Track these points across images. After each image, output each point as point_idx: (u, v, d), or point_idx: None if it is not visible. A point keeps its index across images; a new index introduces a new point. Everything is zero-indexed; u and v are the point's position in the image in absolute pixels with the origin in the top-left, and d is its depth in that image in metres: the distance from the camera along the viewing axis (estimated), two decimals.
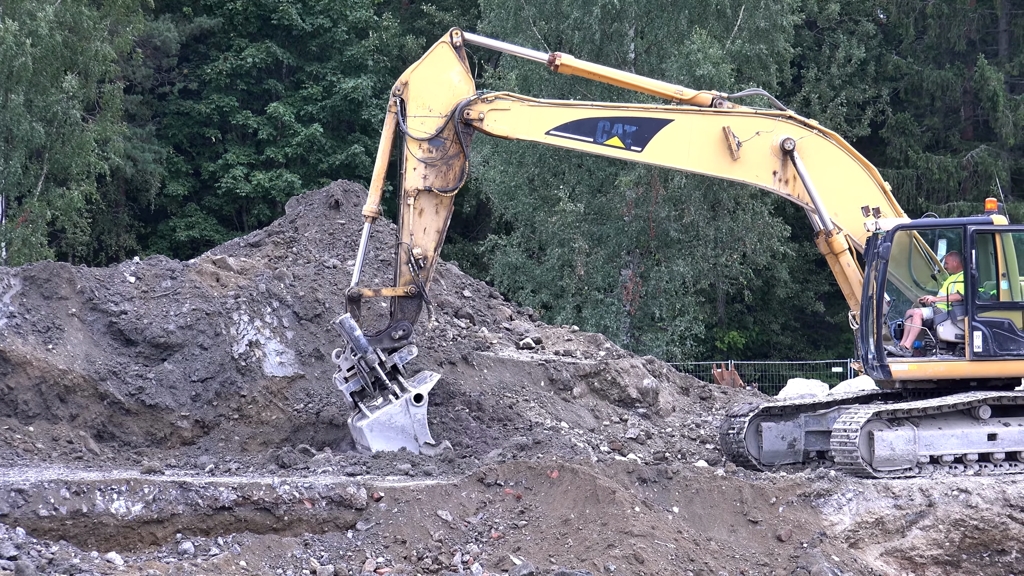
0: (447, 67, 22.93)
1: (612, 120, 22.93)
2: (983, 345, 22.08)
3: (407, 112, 22.79)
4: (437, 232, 23.18)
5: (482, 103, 22.81)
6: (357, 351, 22.40)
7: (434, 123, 22.79)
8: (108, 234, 54.53)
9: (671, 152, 23.10)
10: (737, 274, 48.87)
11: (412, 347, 22.81)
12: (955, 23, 58.13)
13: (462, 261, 45.37)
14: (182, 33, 55.56)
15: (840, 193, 23.12)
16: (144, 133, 54.41)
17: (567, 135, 22.99)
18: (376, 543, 18.90)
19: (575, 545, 18.55)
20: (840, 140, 23.41)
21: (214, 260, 25.82)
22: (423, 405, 22.42)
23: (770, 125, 23.10)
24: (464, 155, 23.07)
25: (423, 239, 22.99)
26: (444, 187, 22.92)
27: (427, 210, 22.99)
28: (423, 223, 22.99)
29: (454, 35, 22.92)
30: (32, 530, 18.08)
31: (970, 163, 56.39)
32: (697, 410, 26.96)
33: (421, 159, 22.82)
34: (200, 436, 23.11)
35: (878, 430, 21.25)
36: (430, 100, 22.84)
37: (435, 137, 22.79)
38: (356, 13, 56.99)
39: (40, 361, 22.57)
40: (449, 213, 23.21)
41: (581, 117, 23.02)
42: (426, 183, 22.80)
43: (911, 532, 20.46)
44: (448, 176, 22.94)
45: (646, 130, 22.93)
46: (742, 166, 23.07)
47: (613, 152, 23.22)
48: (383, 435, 22.27)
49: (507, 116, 22.87)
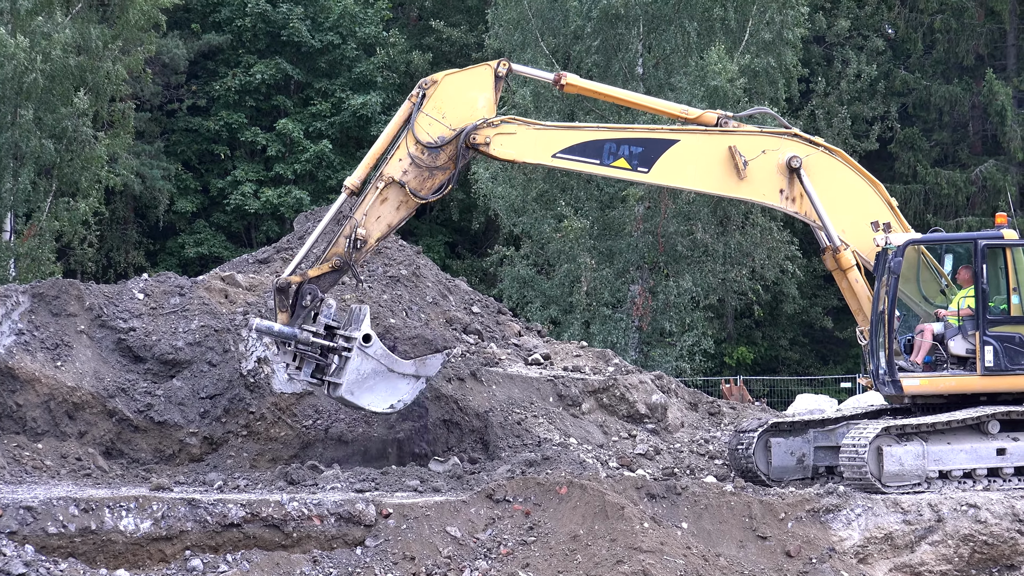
0: (480, 88, 22.87)
1: (618, 142, 22.83)
2: (994, 360, 22.07)
3: (423, 107, 22.67)
4: (388, 226, 22.84)
5: (488, 127, 22.65)
6: (287, 341, 22.06)
7: (440, 131, 22.67)
8: (117, 251, 54.59)
9: (678, 172, 23.00)
10: (746, 289, 48.85)
11: (328, 300, 22.34)
12: (963, 38, 58.16)
13: (470, 277, 45.31)
14: (191, 50, 55.65)
15: (847, 209, 23.10)
16: (152, 150, 54.49)
17: (573, 157, 22.89)
18: (385, 560, 18.90)
19: (584, 561, 18.54)
20: (846, 157, 23.40)
21: (223, 277, 25.84)
22: (375, 341, 22.03)
23: (776, 143, 23.07)
24: (451, 174, 22.89)
25: (372, 225, 22.57)
26: (416, 191, 22.65)
27: (390, 202, 22.67)
28: (380, 211, 22.65)
29: (501, 64, 22.87)
30: (41, 547, 18.11)
31: (979, 178, 56.35)
32: (706, 425, 26.94)
33: (411, 155, 22.63)
34: (209, 453, 23.12)
35: (887, 445, 21.25)
36: (449, 109, 22.74)
37: (434, 145, 22.67)
38: (365, 29, 57.07)
39: (49, 378, 22.59)
40: (407, 216, 23.01)
41: (587, 140, 22.90)
42: (403, 178, 22.54)
43: (920, 547, 20.43)
44: (426, 184, 22.71)
45: (652, 151, 22.84)
46: (749, 185, 23.00)
47: (620, 174, 23.13)
48: (365, 390, 21.93)
49: (513, 140, 22.77)
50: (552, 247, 47.59)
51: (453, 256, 57.79)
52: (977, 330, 22.19)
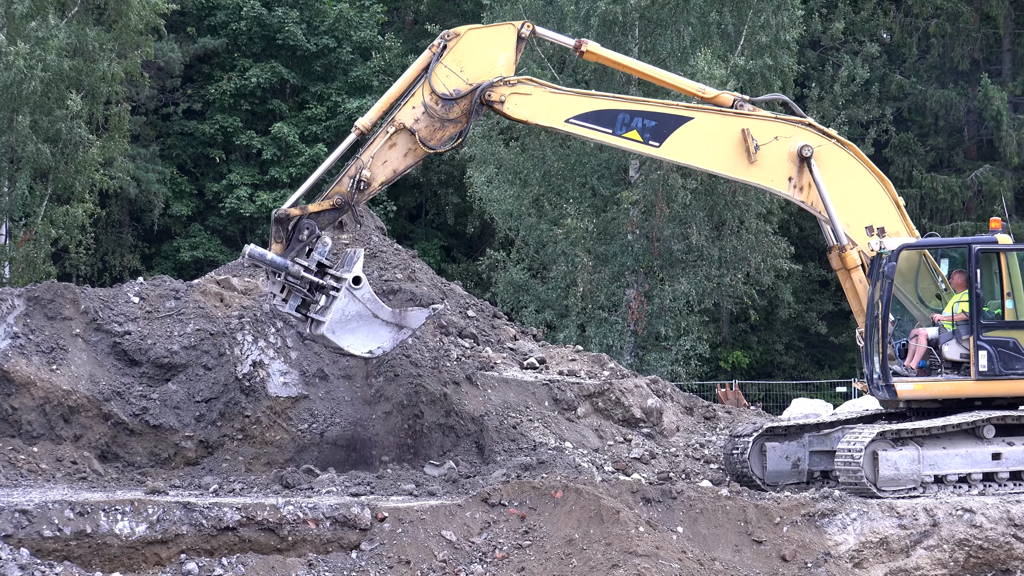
0: (501, 47, 23.04)
1: (632, 113, 22.89)
2: (988, 364, 22.07)
3: (443, 58, 22.84)
4: (394, 171, 23.10)
5: (505, 86, 22.78)
6: (278, 271, 22.12)
7: (457, 84, 22.81)
8: (112, 254, 54.57)
9: (689, 150, 23.05)
10: (741, 294, 48.86)
11: (324, 238, 22.38)
12: (958, 43, 58.19)
13: (466, 281, 45.32)
14: (186, 54, 55.65)
15: (853, 205, 23.04)
16: (148, 153, 54.48)
17: (587, 124, 22.96)
18: (380, 563, 18.90)
19: (579, 565, 18.54)
20: (858, 152, 23.33)
21: (218, 280, 25.83)
22: (364, 284, 22.03)
23: (789, 131, 23.07)
24: (462, 128, 23.04)
25: (378, 168, 22.86)
26: (426, 140, 22.80)
27: (398, 147, 22.90)
28: (387, 155, 22.90)
29: (525, 26, 23.07)
30: (36, 551, 18.09)
31: (974, 183, 56.38)
32: (701, 430, 26.96)
33: (425, 104, 22.81)
34: (204, 456, 23.11)
35: (882, 450, 21.27)
36: (468, 63, 22.92)
37: (450, 97, 22.81)
38: (361, 33, 57.08)
39: (44, 382, 22.57)
40: (413, 164, 23.18)
41: (602, 108, 22.97)
42: (415, 125, 22.73)
43: (915, 552, 20.44)
44: (436, 134, 22.87)
45: (665, 126, 22.90)
46: (758, 169, 23.03)
47: (631, 145, 23.15)
48: (347, 331, 21.90)
49: (528, 101, 22.89)
50: (550, 248, 47.60)
51: (448, 260, 57.80)
52: (971, 335, 22.20)
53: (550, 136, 47.54)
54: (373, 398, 23.96)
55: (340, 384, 24.09)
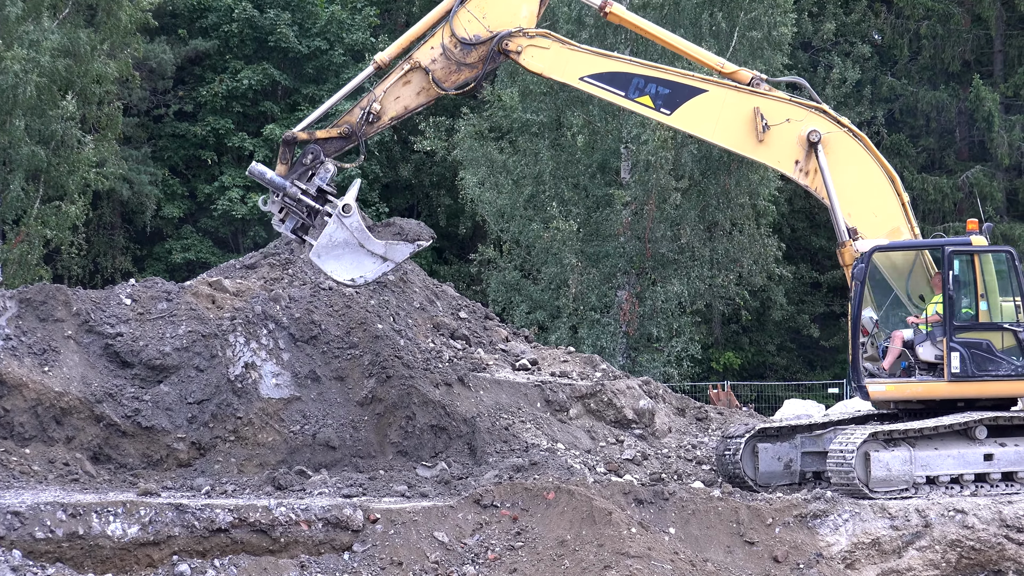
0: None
1: (647, 79, 23.23)
2: (961, 366, 22.10)
3: (466, 3, 23.46)
4: (405, 108, 23.73)
5: (523, 37, 23.34)
6: (277, 191, 22.74)
7: (478, 29, 23.39)
8: (104, 256, 54.53)
9: (699, 121, 23.30)
10: (733, 295, 48.89)
11: (327, 165, 22.84)
12: (949, 44, 58.24)
13: (457, 283, 45.29)
14: (177, 55, 55.60)
15: (857, 195, 22.98)
16: (140, 155, 54.44)
17: (601, 85, 23.35)
18: (373, 565, 18.89)
19: (571, 566, 18.55)
20: (869, 144, 23.31)
21: (210, 282, 25.81)
22: (353, 212, 22.35)
23: (801, 114, 23.15)
24: (477, 74, 23.52)
25: (390, 103, 23.51)
26: (440, 81, 23.38)
27: (412, 85, 23.52)
28: (400, 92, 23.51)
29: None
30: (28, 552, 18.07)
31: (965, 184, 56.42)
32: (693, 431, 26.97)
33: (443, 46, 23.36)
34: (196, 458, 23.08)
35: (874, 451, 21.28)
36: (490, 10, 23.46)
37: (469, 42, 23.32)
38: (353, 35, 57.05)
39: (36, 383, 22.54)
40: (425, 103, 23.87)
41: (617, 70, 23.35)
42: (431, 65, 23.34)
43: (907, 553, 20.45)
44: (451, 77, 23.47)
45: (679, 95, 23.18)
46: (766, 149, 23.16)
47: (642, 110, 23.49)
48: (332, 257, 22.29)
49: (545, 55, 23.41)
50: (539, 248, 47.57)
51: (440, 262, 57.79)
52: (945, 336, 22.24)
53: (542, 135, 47.57)
54: (365, 400, 23.95)
55: (332, 386, 24.09)
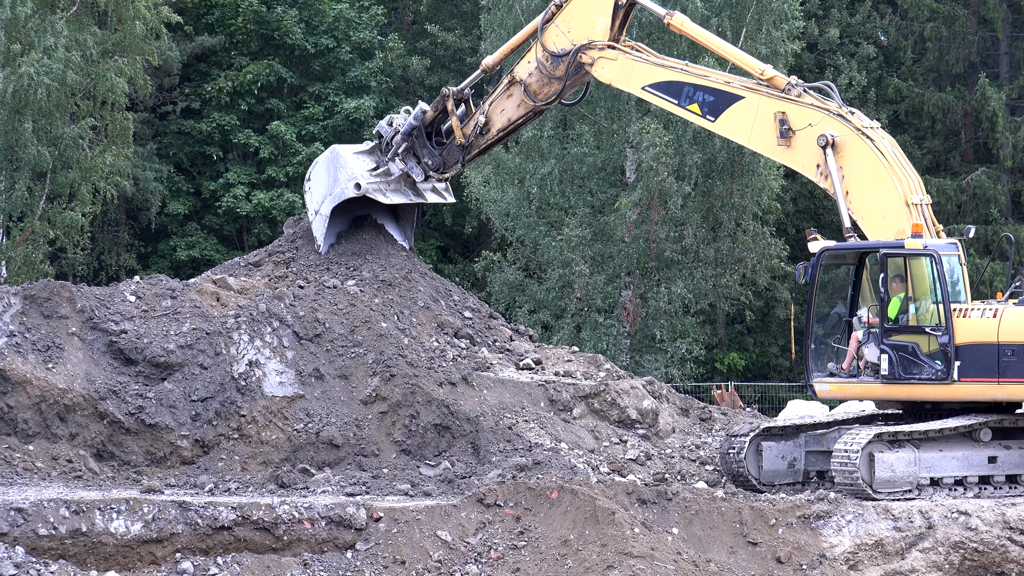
0: (602, 12, 25.32)
1: (695, 87, 24.31)
2: (889, 368, 22.17)
3: (555, 19, 25.61)
4: (508, 120, 26.57)
5: (595, 49, 25.13)
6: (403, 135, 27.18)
7: (564, 43, 25.47)
8: (108, 253, 54.49)
9: (737, 127, 24.14)
10: (737, 295, 48.84)
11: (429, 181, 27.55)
12: (954, 45, 58.14)
13: (462, 282, 45.35)
14: (183, 52, 55.55)
15: (867, 197, 22.88)
16: (145, 152, 54.35)
17: (658, 94, 24.75)
18: (375, 563, 18.90)
19: (574, 566, 18.55)
20: (881, 147, 23.13)
21: (214, 280, 25.82)
22: None
23: (819, 118, 23.30)
24: (562, 86, 25.61)
25: (496, 115, 26.58)
26: (534, 94, 25.97)
27: (514, 98, 26.30)
28: (505, 105, 26.48)
29: None
30: (31, 549, 18.09)
31: (969, 186, 56.36)
32: (697, 431, 26.94)
33: (537, 59, 25.76)
34: (200, 456, 23.08)
35: (879, 451, 21.27)
36: (574, 24, 25.49)
37: (556, 54, 25.43)
38: (360, 34, 57.02)
39: (40, 380, 22.55)
40: (525, 115, 26.50)
41: (672, 79, 24.58)
42: (527, 79, 25.97)
43: (911, 554, 20.44)
44: (543, 90, 25.89)
45: (721, 102, 24.12)
46: (792, 153, 23.58)
47: (692, 117, 24.74)
48: None
49: (613, 66, 25.10)
50: (548, 253, 47.56)
51: (445, 260, 57.75)
52: (880, 338, 22.34)
53: (549, 141, 47.56)
54: (369, 398, 23.95)
55: (336, 384, 24.09)
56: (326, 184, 27.72)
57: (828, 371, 23.07)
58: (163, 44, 51.42)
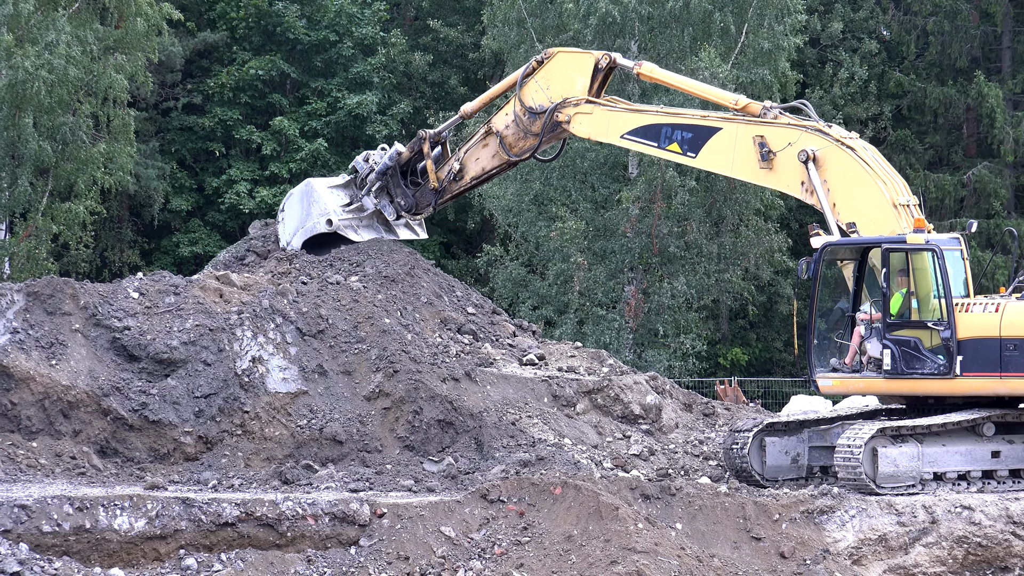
0: (581, 72, 25.63)
1: (673, 126, 24.47)
2: (892, 363, 22.19)
3: (535, 75, 25.94)
4: (482, 169, 26.92)
5: (570, 107, 25.39)
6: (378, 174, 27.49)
7: (542, 99, 25.78)
8: (111, 250, 54.49)
9: (719, 159, 24.22)
10: (740, 290, 48.84)
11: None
12: (956, 40, 58.14)
13: (465, 277, 45.28)
14: (186, 48, 55.52)
15: (855, 204, 22.99)
16: (148, 149, 54.33)
17: (637, 139, 24.95)
18: (379, 559, 18.91)
19: (578, 562, 18.56)
20: (861, 154, 23.16)
21: (217, 276, 25.83)
22: None
23: (797, 135, 23.37)
24: (539, 143, 25.87)
25: (471, 163, 26.89)
26: (509, 147, 26.33)
27: (489, 148, 26.62)
28: (480, 154, 26.79)
29: (604, 57, 25.66)
30: (35, 546, 18.11)
31: (971, 180, 56.34)
32: (700, 426, 26.94)
33: (515, 113, 26.11)
34: (203, 452, 23.09)
35: (882, 446, 21.27)
36: (553, 82, 25.75)
37: (535, 111, 25.73)
38: (362, 29, 56.99)
39: (43, 377, 22.56)
40: (499, 167, 26.86)
41: (649, 123, 24.73)
42: (504, 131, 26.32)
43: (914, 549, 20.45)
44: (519, 143, 26.22)
45: (700, 137, 24.24)
46: (776, 175, 23.64)
47: (674, 157, 24.89)
48: None
49: (589, 120, 25.31)
50: (546, 246, 47.56)
51: (448, 256, 57.74)
52: (882, 333, 22.35)
53: None
54: (372, 394, 23.95)
55: (339, 380, 24.09)
56: (299, 217, 28.18)
57: (831, 366, 23.09)
58: (165, 40, 51.38)
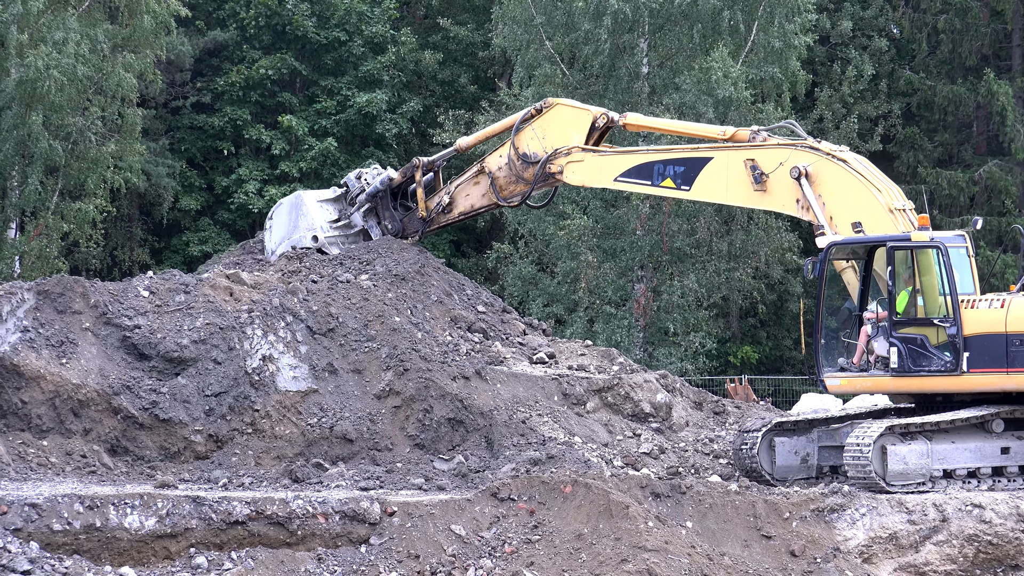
0: (578, 128, 25.76)
1: (664, 162, 24.60)
2: (899, 361, 22.17)
3: (533, 122, 26.12)
4: (471, 206, 27.19)
5: (561, 157, 25.60)
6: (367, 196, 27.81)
7: (536, 147, 25.96)
8: (121, 248, 54.52)
9: (713, 188, 24.32)
10: (750, 288, 48.79)
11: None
12: (967, 38, 58.06)
13: (475, 276, 45.28)
14: (195, 47, 55.55)
15: (853, 214, 23.06)
16: (157, 147, 54.35)
17: (630, 180, 25.16)
18: (389, 558, 18.93)
19: (588, 560, 18.56)
20: (852, 164, 23.22)
21: (227, 274, 25.86)
22: None
23: (787, 154, 23.45)
24: (530, 190, 26.19)
25: (460, 198, 27.10)
26: (499, 190, 26.60)
27: (480, 187, 26.83)
28: (470, 191, 27.00)
29: (601, 116, 25.79)
30: (46, 544, 18.14)
31: (981, 178, 56.27)
32: (711, 425, 26.93)
33: (509, 157, 26.25)
34: (214, 451, 23.12)
35: (891, 444, 21.27)
36: (550, 132, 25.94)
37: (528, 158, 25.92)
38: (372, 28, 56.97)
39: (54, 375, 22.59)
40: (487, 207, 27.19)
41: (640, 162, 24.92)
42: (496, 173, 26.49)
43: (925, 547, 20.43)
44: (510, 187, 26.54)
45: (692, 169, 24.33)
46: (771, 197, 23.76)
47: (669, 192, 25.10)
48: None
49: (581, 167, 25.53)
50: (555, 244, 47.53)
51: (458, 255, 57.72)
52: (889, 331, 22.34)
53: None
54: (382, 392, 23.98)
55: (350, 378, 24.11)
56: (286, 228, 28.43)
57: (839, 365, 23.08)
58: (174, 39, 51.40)
